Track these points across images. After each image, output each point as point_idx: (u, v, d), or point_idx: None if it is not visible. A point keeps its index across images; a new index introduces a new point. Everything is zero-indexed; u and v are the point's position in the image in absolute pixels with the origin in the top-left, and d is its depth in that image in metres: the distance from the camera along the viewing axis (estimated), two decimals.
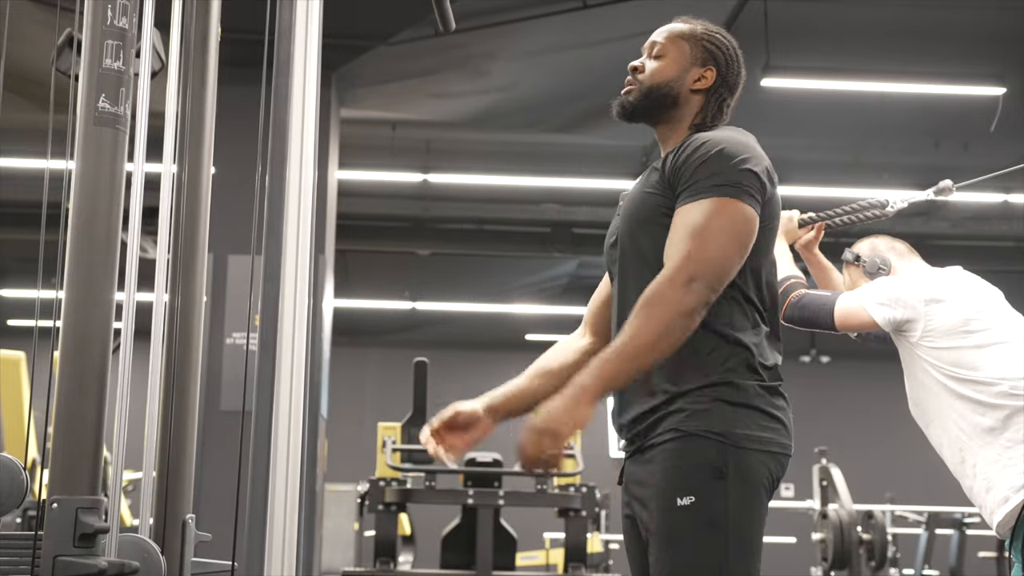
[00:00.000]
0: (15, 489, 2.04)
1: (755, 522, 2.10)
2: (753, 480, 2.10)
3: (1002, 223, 11.08)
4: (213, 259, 6.49)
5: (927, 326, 2.91)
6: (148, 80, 2.14)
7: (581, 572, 6.14)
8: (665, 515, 2.09)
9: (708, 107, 2.31)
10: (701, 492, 2.06)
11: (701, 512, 2.05)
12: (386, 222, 11.17)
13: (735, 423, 2.10)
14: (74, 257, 1.81)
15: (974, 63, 8.09)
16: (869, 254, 3.22)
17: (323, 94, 2.53)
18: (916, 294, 2.95)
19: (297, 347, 2.40)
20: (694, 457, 2.08)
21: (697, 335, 2.10)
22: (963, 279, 3.04)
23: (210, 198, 2.47)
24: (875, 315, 2.96)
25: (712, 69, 2.31)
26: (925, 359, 2.93)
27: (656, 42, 2.35)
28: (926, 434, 3.00)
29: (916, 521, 10.27)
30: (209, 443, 6.48)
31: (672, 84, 2.29)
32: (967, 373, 2.85)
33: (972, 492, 2.86)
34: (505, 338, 15.22)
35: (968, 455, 2.84)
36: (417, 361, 6.65)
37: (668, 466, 2.10)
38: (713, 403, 2.11)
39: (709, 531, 2.05)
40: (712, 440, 2.08)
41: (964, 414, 2.85)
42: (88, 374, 1.77)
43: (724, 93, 2.33)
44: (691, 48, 2.32)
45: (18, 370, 7.45)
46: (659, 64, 2.32)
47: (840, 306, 3.00)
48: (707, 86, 2.30)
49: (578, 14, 7.14)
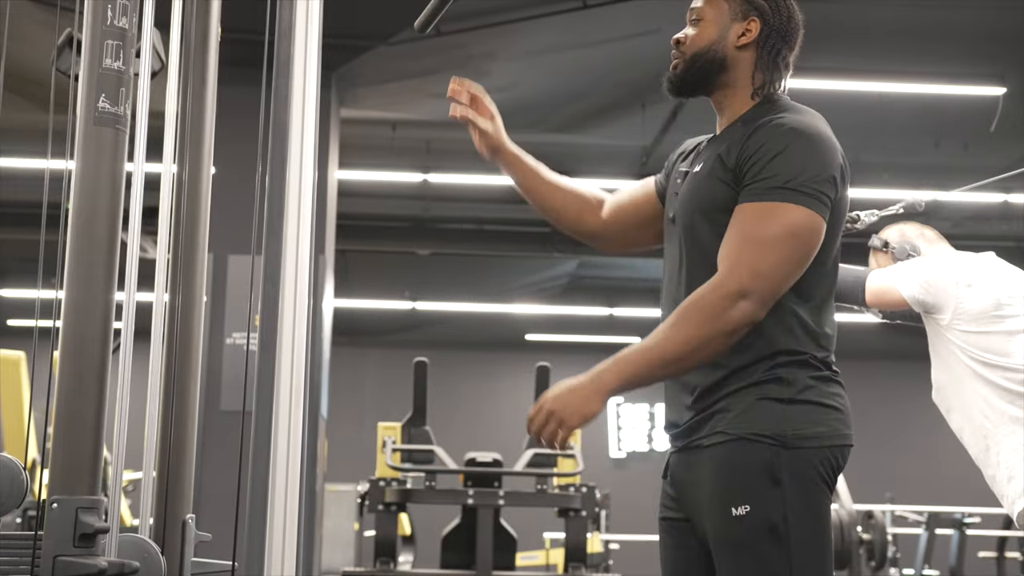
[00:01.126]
0: (15, 489, 2.04)
1: (819, 524, 1.98)
2: (812, 481, 1.97)
3: (1002, 223, 11.08)
4: (213, 259, 6.48)
5: (958, 309, 2.89)
6: (148, 80, 2.14)
7: (581, 572, 6.14)
8: (722, 525, 1.98)
9: (761, 63, 2.15)
10: (756, 501, 1.94)
11: (758, 522, 1.94)
12: (386, 222, 11.17)
13: (786, 423, 1.97)
14: (74, 257, 1.81)
15: (974, 63, 8.09)
16: (898, 240, 3.20)
17: (323, 94, 2.53)
18: (949, 276, 2.92)
19: (297, 347, 2.40)
20: (745, 464, 1.96)
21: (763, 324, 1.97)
22: (996, 264, 3.01)
23: (210, 198, 2.47)
24: (906, 294, 2.93)
25: (756, 20, 2.14)
26: (954, 342, 2.89)
27: (694, 7, 2.18)
28: (947, 419, 2.97)
29: (916, 521, 10.27)
30: (209, 443, 6.47)
31: (715, 46, 2.13)
32: (996, 359, 2.83)
33: (995, 481, 2.84)
34: (505, 338, 15.22)
35: (992, 443, 2.82)
36: (417, 361, 6.65)
37: (718, 474, 1.99)
38: (760, 401, 1.98)
39: (769, 542, 1.94)
40: (763, 444, 1.96)
41: (991, 401, 2.83)
42: (88, 374, 1.77)
43: (777, 43, 2.15)
44: (729, 4, 2.14)
45: (18, 370, 7.46)
46: (698, 29, 2.15)
47: (873, 283, 2.97)
48: (753, 39, 2.13)
49: (578, 14, 7.14)
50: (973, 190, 3.39)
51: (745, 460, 1.97)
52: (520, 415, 8.57)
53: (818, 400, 2.01)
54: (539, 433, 1.96)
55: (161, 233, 2.29)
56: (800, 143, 2.03)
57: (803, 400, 2.00)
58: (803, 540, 1.95)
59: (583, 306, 14.31)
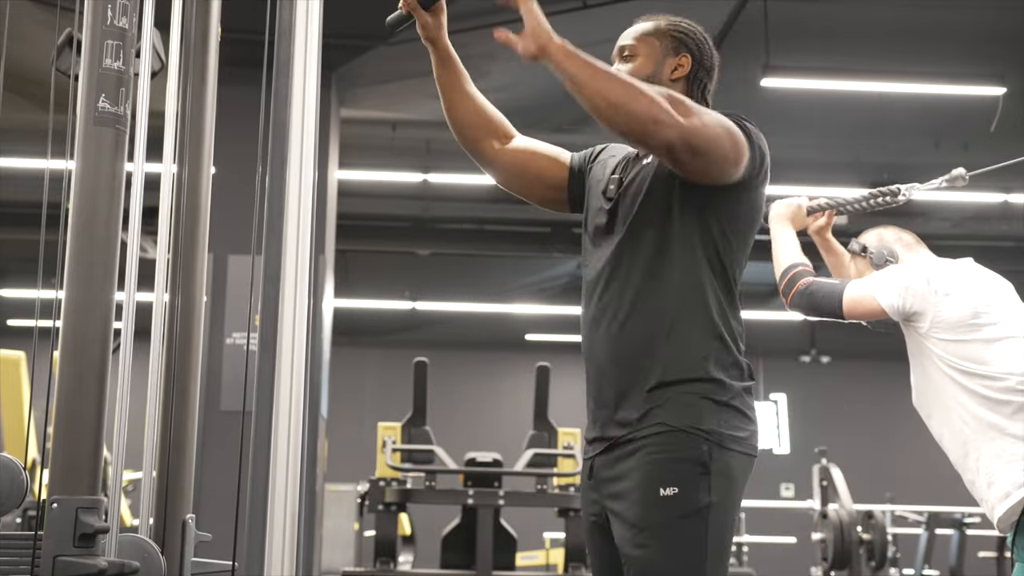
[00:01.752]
0: (15, 489, 2.04)
1: (731, 522, 2.13)
2: (733, 480, 2.12)
3: (1002, 223, 11.08)
4: (213, 259, 6.49)
5: (936, 317, 2.89)
6: (148, 80, 2.14)
7: (581, 572, 6.14)
8: (647, 506, 2.09)
9: (691, 95, 2.31)
10: (685, 484, 2.07)
11: (684, 503, 2.06)
12: (386, 222, 11.17)
13: (721, 422, 2.11)
14: (74, 257, 1.81)
15: (974, 63, 8.09)
16: (876, 245, 3.19)
17: (323, 94, 2.53)
18: (926, 285, 2.92)
19: (297, 347, 2.40)
20: (680, 451, 2.09)
21: (687, 325, 2.13)
22: (974, 272, 3.00)
23: (210, 198, 2.47)
24: (884, 304, 2.93)
25: (686, 56, 2.33)
26: (933, 350, 2.90)
27: (625, 45, 2.38)
28: (927, 425, 2.99)
29: (916, 521, 10.27)
30: (209, 443, 6.47)
31: (651, 80, 2.26)
32: (975, 367, 2.84)
33: (974, 486, 2.85)
34: (505, 338, 15.22)
35: (971, 449, 2.83)
36: (417, 361, 6.66)
37: (653, 459, 2.10)
38: (701, 400, 2.12)
39: (691, 522, 2.06)
40: (699, 437, 2.09)
41: (969, 407, 2.83)
42: (88, 374, 1.77)
43: (704, 77, 2.34)
44: (660, 41, 2.34)
45: (18, 370, 7.46)
46: (634, 65, 2.32)
47: (849, 294, 2.97)
48: (685, 73, 2.32)
49: (578, 14, 7.14)
50: (990, 180, 3.40)
51: (680, 448, 2.09)
52: (520, 415, 8.64)
53: (743, 409, 2.16)
54: None
55: (161, 233, 2.29)
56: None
57: (734, 406, 2.15)
58: (718, 530, 2.08)
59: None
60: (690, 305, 2.16)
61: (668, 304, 2.16)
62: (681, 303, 2.16)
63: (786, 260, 3.07)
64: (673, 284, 2.16)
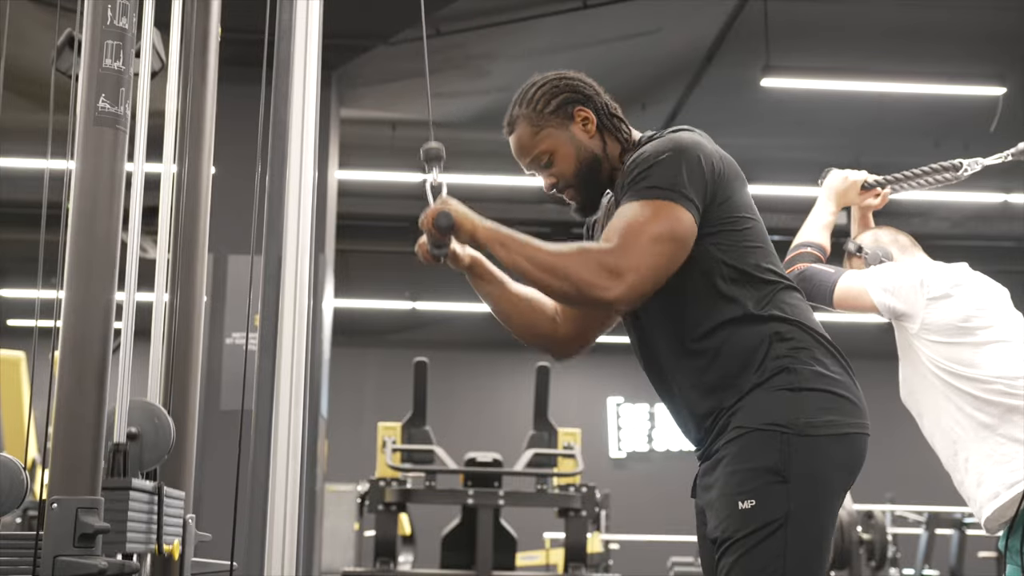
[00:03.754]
0: (15, 489, 2.04)
1: (819, 521, 2.04)
2: (821, 472, 2.04)
3: (1002, 223, 11.08)
4: (213, 259, 6.48)
5: (926, 320, 2.89)
6: (148, 80, 2.14)
7: (581, 572, 6.14)
8: (727, 518, 2.04)
9: (610, 133, 2.24)
10: (761, 495, 2.01)
11: (761, 515, 2.00)
12: (386, 222, 11.17)
13: (798, 410, 2.04)
14: (74, 257, 1.81)
15: (974, 63, 8.09)
16: (872, 246, 3.18)
17: (323, 94, 2.52)
18: (920, 287, 2.91)
19: (297, 347, 2.40)
20: (755, 459, 2.03)
21: (731, 346, 2.08)
22: (967, 276, 3.00)
23: (210, 198, 2.47)
24: (876, 300, 2.92)
25: (582, 107, 2.22)
26: (923, 351, 2.90)
27: (533, 156, 2.24)
28: (918, 423, 2.99)
29: (916, 521, 10.27)
30: (209, 443, 6.47)
31: (582, 155, 2.21)
32: (964, 370, 2.84)
33: (963, 486, 2.86)
34: (505, 338, 15.07)
35: (961, 448, 2.83)
36: (417, 361, 6.65)
37: (731, 470, 2.05)
38: (775, 393, 2.05)
39: (768, 535, 2.00)
40: (775, 433, 2.03)
41: (960, 407, 2.83)
42: (88, 374, 1.77)
43: (606, 107, 2.24)
44: (548, 120, 2.22)
45: (18, 370, 7.46)
46: (557, 162, 2.22)
47: (843, 285, 2.95)
48: (596, 120, 2.22)
49: (578, 14, 7.14)
50: (990, 179, 3.37)
51: (755, 453, 2.03)
52: (520, 415, 8.63)
53: (827, 388, 2.08)
54: (426, 220, 2.20)
55: (161, 233, 2.29)
56: (664, 156, 2.09)
57: (814, 388, 2.07)
58: (800, 537, 2.01)
59: None
60: (726, 330, 2.10)
61: (709, 346, 2.11)
62: (718, 338, 2.10)
63: (803, 236, 3.06)
64: (701, 329, 2.11)
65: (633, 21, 7.46)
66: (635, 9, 7.19)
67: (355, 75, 7.88)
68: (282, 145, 2.44)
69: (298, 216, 2.44)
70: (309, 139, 2.47)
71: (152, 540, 2.08)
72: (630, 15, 7.28)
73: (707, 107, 8.66)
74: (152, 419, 2.07)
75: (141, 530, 2.04)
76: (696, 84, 8.33)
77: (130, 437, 2.01)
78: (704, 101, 8.57)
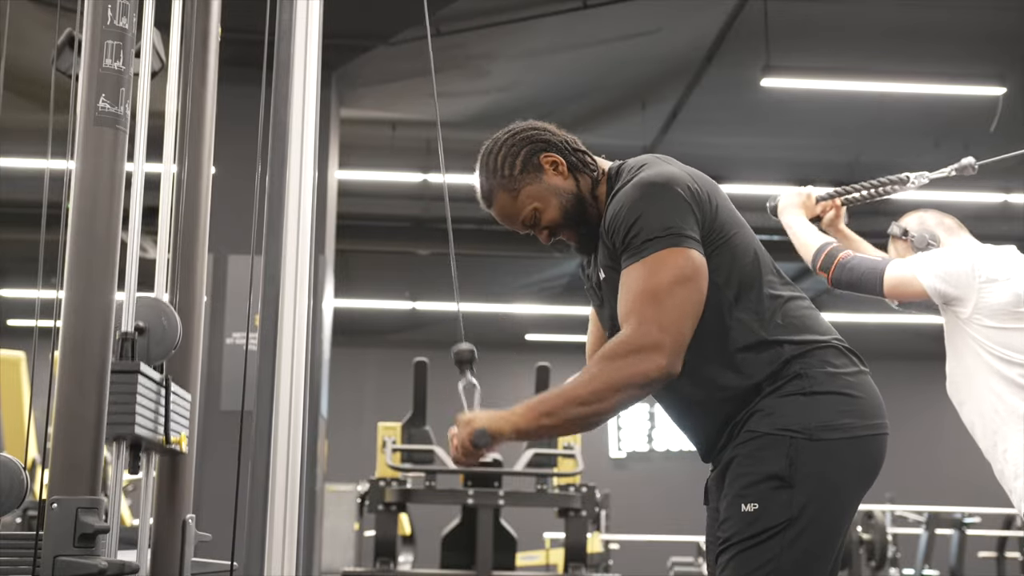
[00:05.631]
0: (15, 489, 2.04)
1: (824, 526, 2.04)
2: (830, 476, 2.03)
3: (1002, 223, 11.08)
4: (213, 259, 6.48)
5: (979, 303, 2.87)
6: (148, 80, 2.14)
7: (581, 572, 6.14)
8: (730, 520, 2.05)
9: (583, 172, 2.23)
10: (764, 500, 2.01)
11: (762, 520, 2.01)
12: (386, 222, 11.17)
13: (809, 415, 2.04)
14: (74, 257, 1.81)
15: (974, 63, 8.09)
16: (918, 228, 3.16)
17: (323, 94, 2.53)
18: (971, 270, 2.89)
19: (297, 347, 2.40)
20: (763, 461, 2.03)
21: (750, 359, 2.07)
22: (1017, 259, 2.97)
23: (210, 198, 2.47)
24: (927, 286, 2.90)
25: (544, 154, 2.22)
26: (973, 336, 2.88)
27: (520, 218, 2.24)
28: (959, 412, 2.96)
29: (916, 521, 10.26)
30: (209, 443, 6.47)
31: (563, 201, 2.20)
32: (1015, 355, 2.82)
33: (1003, 476, 2.85)
34: (505, 338, 15.21)
35: (1000, 439, 2.82)
36: (417, 361, 6.65)
37: (737, 472, 2.06)
38: (786, 399, 2.05)
39: (765, 540, 2.00)
40: (784, 438, 2.03)
41: (1004, 397, 2.82)
42: (88, 374, 1.77)
43: (569, 150, 2.24)
44: (522, 180, 2.21)
45: (18, 370, 7.46)
46: (542, 213, 2.22)
47: (892, 273, 2.94)
48: (565, 163, 2.22)
49: (578, 14, 7.14)
50: (991, 179, 3.37)
51: (763, 458, 2.03)
52: None
53: (841, 391, 2.08)
54: (458, 449, 2.11)
55: (161, 233, 2.29)
56: (642, 205, 2.07)
57: (828, 391, 2.06)
58: (799, 541, 2.01)
59: (583, 306, 14.25)
60: (738, 357, 2.10)
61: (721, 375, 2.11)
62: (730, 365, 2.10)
63: (816, 240, 3.05)
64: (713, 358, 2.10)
65: (633, 21, 7.46)
66: (635, 9, 7.19)
67: (355, 75, 7.88)
68: (282, 145, 2.44)
69: (298, 216, 2.44)
70: (309, 139, 2.47)
71: (160, 431, 2.10)
72: (630, 15, 7.28)
73: (707, 107, 8.65)
74: (159, 316, 2.12)
75: (149, 417, 2.06)
76: (696, 84, 8.33)
77: (138, 330, 2.05)
78: (704, 101, 8.56)
